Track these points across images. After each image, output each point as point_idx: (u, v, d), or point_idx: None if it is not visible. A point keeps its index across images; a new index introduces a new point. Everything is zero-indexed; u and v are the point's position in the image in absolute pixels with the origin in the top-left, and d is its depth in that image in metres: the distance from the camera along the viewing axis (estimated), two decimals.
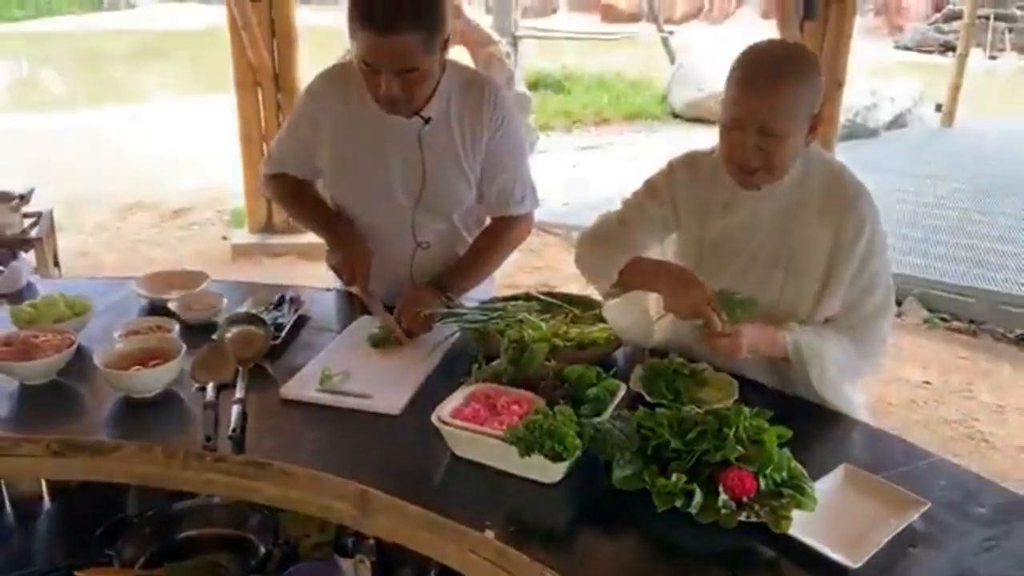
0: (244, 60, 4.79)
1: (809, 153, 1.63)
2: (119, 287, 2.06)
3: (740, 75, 1.54)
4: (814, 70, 1.55)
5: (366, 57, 1.66)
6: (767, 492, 1.26)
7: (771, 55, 1.57)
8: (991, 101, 11.96)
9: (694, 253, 1.72)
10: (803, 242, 1.62)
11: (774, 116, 1.50)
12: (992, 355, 4.19)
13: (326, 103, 1.90)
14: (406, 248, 1.96)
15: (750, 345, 1.57)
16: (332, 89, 1.90)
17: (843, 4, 4.13)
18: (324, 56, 4.98)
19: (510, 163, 1.93)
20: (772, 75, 1.51)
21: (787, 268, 1.63)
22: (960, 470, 1.44)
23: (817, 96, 1.55)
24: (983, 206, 6.27)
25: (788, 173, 1.60)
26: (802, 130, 1.54)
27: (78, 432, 1.49)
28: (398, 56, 1.64)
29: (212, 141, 8.26)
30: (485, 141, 1.87)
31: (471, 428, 1.38)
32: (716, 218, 1.68)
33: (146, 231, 5.80)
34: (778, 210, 1.63)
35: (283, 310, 1.93)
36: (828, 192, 1.62)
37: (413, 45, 1.63)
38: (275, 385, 1.62)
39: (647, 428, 1.35)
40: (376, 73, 1.66)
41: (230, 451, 1.42)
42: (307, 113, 1.93)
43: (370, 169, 1.88)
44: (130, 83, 13.49)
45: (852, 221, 1.59)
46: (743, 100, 1.52)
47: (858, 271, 1.61)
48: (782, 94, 1.50)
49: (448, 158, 1.86)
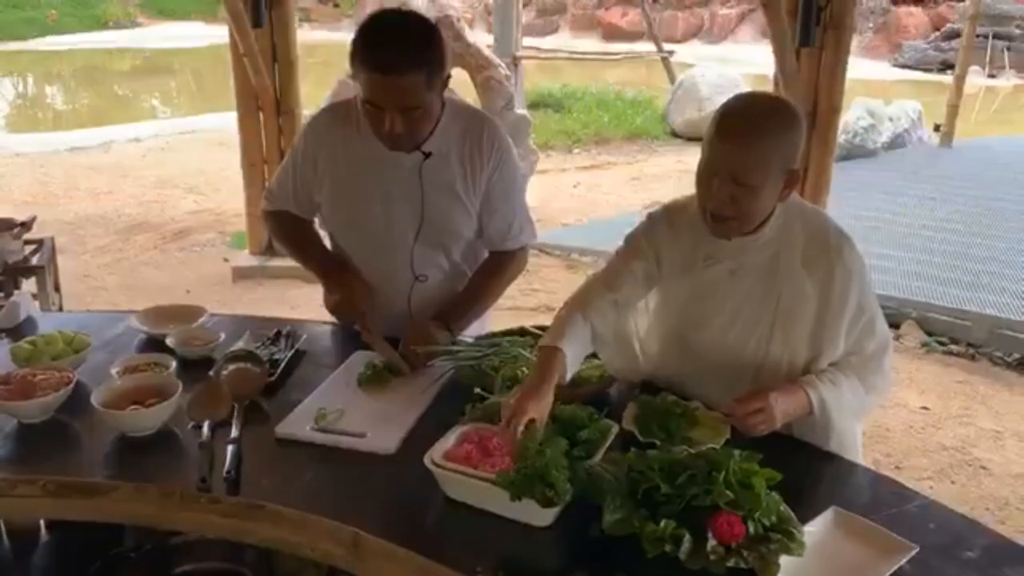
0: (246, 85, 4.83)
1: (790, 205, 1.63)
2: (117, 321, 2.08)
3: (718, 124, 1.54)
4: (794, 126, 1.54)
5: (371, 97, 1.70)
6: (756, 537, 1.27)
7: (751, 107, 1.56)
8: (990, 119, 12.03)
9: (678, 305, 1.73)
10: (789, 292, 1.62)
11: (746, 167, 1.50)
12: (990, 380, 4.19)
13: (327, 139, 1.92)
14: (405, 282, 1.98)
15: (783, 414, 1.57)
16: (333, 125, 1.93)
17: (839, 31, 4.16)
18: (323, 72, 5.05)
19: (508, 199, 1.96)
20: (749, 126, 1.51)
21: (774, 318, 1.64)
22: (950, 512, 1.45)
23: (794, 151, 1.55)
24: (982, 229, 6.27)
25: (767, 224, 1.61)
26: (776, 183, 1.54)
27: (75, 471, 1.51)
28: (402, 95, 1.69)
29: (213, 161, 8.33)
30: (485, 177, 1.91)
31: (463, 471, 1.40)
32: (699, 270, 1.68)
33: (148, 253, 5.82)
34: (761, 261, 1.63)
35: (280, 345, 1.95)
36: (810, 241, 1.62)
37: (416, 84, 1.69)
38: (270, 422, 1.64)
39: (637, 471, 1.36)
40: (380, 111, 1.71)
41: (224, 492, 1.43)
42: (307, 149, 1.96)
43: (371, 203, 1.91)
44: (134, 101, 13.59)
45: (840, 271, 1.60)
46: (718, 148, 1.53)
47: (855, 317, 1.62)
48: (756, 145, 1.50)
49: (448, 192, 1.89)
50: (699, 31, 19.76)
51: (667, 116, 10.35)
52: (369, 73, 1.67)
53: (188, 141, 9.43)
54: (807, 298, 1.61)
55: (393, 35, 1.69)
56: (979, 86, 13.60)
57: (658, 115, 10.55)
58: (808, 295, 1.61)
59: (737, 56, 16.77)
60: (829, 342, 1.62)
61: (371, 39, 1.69)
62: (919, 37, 17.34)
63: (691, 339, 1.73)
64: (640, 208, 7.10)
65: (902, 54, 16.96)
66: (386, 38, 1.68)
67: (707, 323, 1.69)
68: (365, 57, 1.67)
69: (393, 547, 1.30)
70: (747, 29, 19.30)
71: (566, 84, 12.10)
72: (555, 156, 9.00)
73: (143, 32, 20.84)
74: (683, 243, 1.69)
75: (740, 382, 1.65)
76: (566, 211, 6.98)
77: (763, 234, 1.62)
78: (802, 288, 1.61)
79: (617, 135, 9.96)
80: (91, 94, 14.25)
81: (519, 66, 9.88)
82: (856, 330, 1.63)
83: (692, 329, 1.64)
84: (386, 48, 1.66)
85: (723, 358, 1.68)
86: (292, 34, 4.89)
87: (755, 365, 1.65)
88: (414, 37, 1.70)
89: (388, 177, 1.88)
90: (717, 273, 1.66)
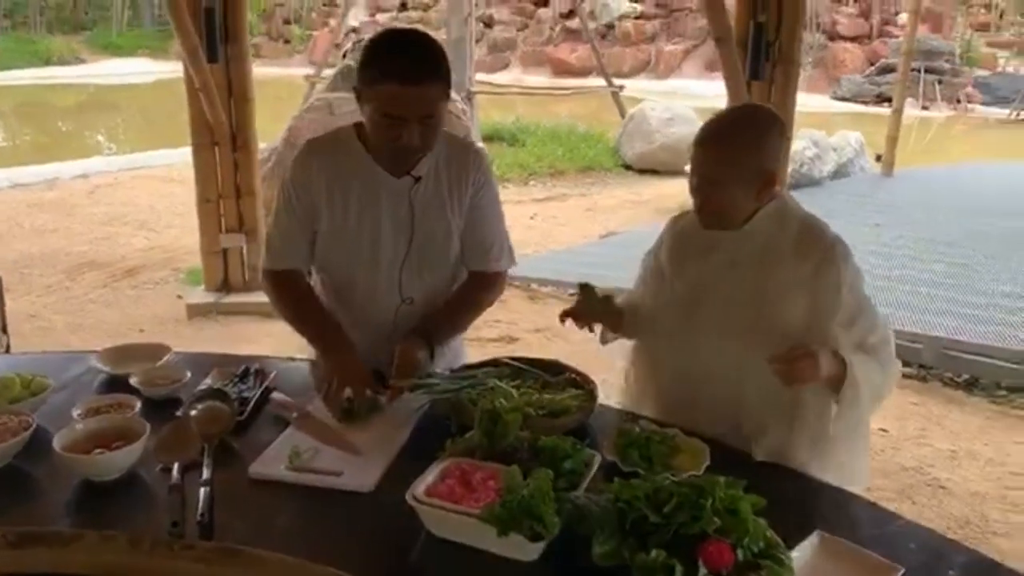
0: (201, 120, 4.77)
1: (787, 202, 1.78)
2: (77, 361, 2.00)
3: (698, 133, 1.74)
4: (769, 130, 1.73)
5: (390, 108, 1.71)
6: (744, 564, 1.26)
7: (729, 117, 1.83)
8: (926, 149, 12.51)
9: (675, 292, 1.84)
10: (780, 279, 1.71)
11: (716, 168, 1.71)
12: (942, 400, 4.29)
13: (320, 167, 1.89)
14: (391, 303, 1.96)
15: (826, 365, 1.62)
16: (322, 154, 1.91)
17: (787, 65, 4.29)
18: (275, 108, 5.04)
19: (490, 221, 2.00)
20: (717, 134, 1.73)
21: (762, 302, 1.71)
22: (927, 531, 1.47)
23: (770, 154, 1.71)
24: (924, 253, 6.48)
25: (756, 218, 1.74)
26: (750, 181, 1.69)
27: (37, 519, 1.43)
28: (423, 104, 1.71)
29: (164, 197, 8.17)
30: (468, 199, 1.94)
31: (447, 507, 1.37)
32: (698, 260, 1.81)
33: (97, 291, 5.66)
34: (755, 251, 1.75)
35: (248, 383, 1.90)
36: (802, 235, 1.74)
37: (436, 93, 1.73)
38: (242, 463, 1.59)
39: (624, 501, 1.35)
40: (398, 123, 1.72)
41: (198, 537, 1.38)
42: (299, 187, 1.91)
43: (362, 228, 1.90)
44: (79, 138, 13.30)
45: (831, 264, 1.69)
46: (695, 153, 1.74)
47: (848, 312, 1.70)
48: (723, 150, 1.70)
49: (436, 215, 1.91)
50: (646, 67, 20.20)
51: (619, 149, 10.51)
52: (391, 83, 1.68)
53: (137, 178, 9.24)
54: (797, 289, 1.70)
55: (413, 46, 1.72)
56: (914, 117, 14.12)
57: (610, 148, 10.71)
58: (798, 284, 1.70)
59: (683, 90, 17.20)
60: (825, 331, 1.68)
61: (391, 51, 1.72)
62: (855, 71, 17.99)
63: (679, 345, 1.81)
64: (596, 237, 7.22)
65: (840, 87, 17.57)
66: (407, 49, 1.71)
67: (700, 307, 1.78)
68: (387, 68, 1.68)
69: None
70: (692, 65, 19.81)
71: (519, 118, 12.23)
72: (512, 188, 9.05)
73: (87, 68, 20.49)
74: (685, 238, 1.86)
75: (723, 390, 1.73)
76: (525, 242, 6.99)
77: (754, 226, 1.74)
78: (792, 277, 1.70)
79: (571, 168, 10.07)
80: (34, 130, 13.93)
81: (473, 100, 9.98)
82: (855, 328, 1.69)
83: (684, 315, 1.78)
84: (409, 58, 1.69)
85: (708, 361, 1.76)
86: (247, 69, 4.85)
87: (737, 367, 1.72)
88: (432, 48, 1.75)
89: (381, 201, 1.88)
90: (713, 262, 1.78)
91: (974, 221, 7.46)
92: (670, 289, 1.86)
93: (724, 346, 1.75)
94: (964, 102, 16.87)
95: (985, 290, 5.54)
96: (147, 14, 23.62)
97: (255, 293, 5.20)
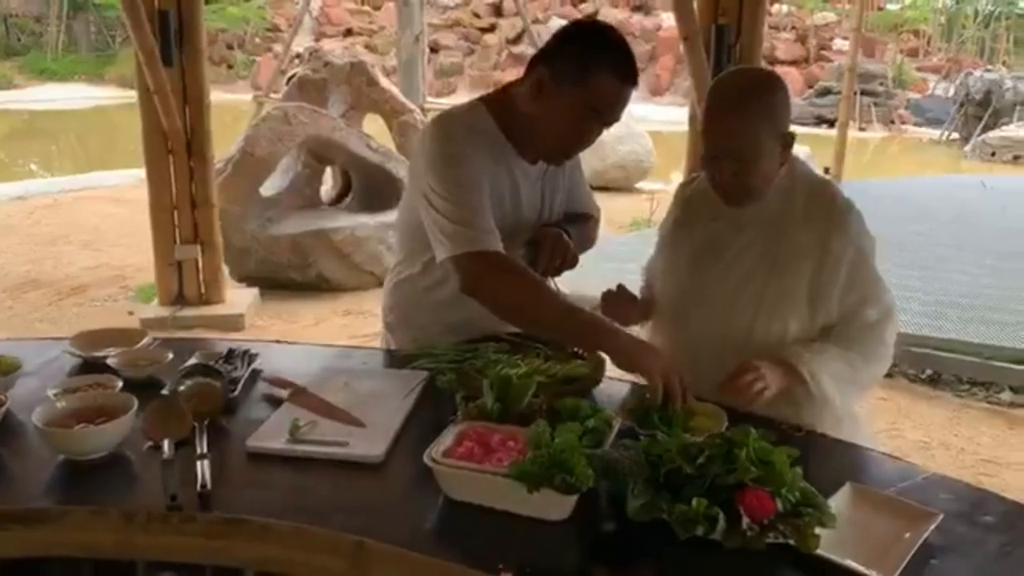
0: (155, 127, 4.60)
1: (796, 166, 1.71)
2: (48, 348, 1.86)
3: (707, 107, 1.63)
4: (776, 92, 1.64)
5: (603, 104, 1.72)
6: (785, 513, 1.21)
7: (733, 83, 1.68)
8: (865, 166, 12.93)
9: (685, 255, 1.79)
10: (789, 244, 1.67)
11: (740, 141, 1.59)
12: (909, 395, 4.36)
13: (478, 142, 1.79)
14: None
15: (775, 380, 1.58)
16: (473, 133, 1.80)
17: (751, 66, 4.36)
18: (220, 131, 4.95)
19: (581, 182, 2.11)
20: (733, 102, 1.61)
21: (772, 267, 1.68)
22: (957, 482, 1.45)
23: (783, 114, 1.63)
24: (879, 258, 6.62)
25: (772, 185, 1.67)
26: (772, 149, 1.61)
27: (13, 501, 1.30)
28: (626, 103, 1.76)
29: (109, 217, 7.89)
30: (567, 177, 2.01)
31: (469, 467, 1.29)
32: (707, 222, 1.76)
33: (42, 310, 5.39)
34: (765, 214, 1.70)
35: (235, 363, 1.79)
36: (812, 198, 1.69)
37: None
38: (237, 440, 1.48)
39: (655, 455, 1.29)
40: (601, 118, 1.74)
41: (197, 510, 1.27)
42: (471, 160, 1.76)
43: (504, 211, 1.83)
44: (15, 162, 12.81)
45: (840, 230, 1.66)
46: (710, 129, 1.63)
47: (849, 281, 1.65)
48: (742, 118, 1.59)
49: (561, 197, 2.00)
50: None
51: None
52: (614, 80, 1.69)
53: (80, 199, 8.90)
54: (804, 252, 1.66)
55: (625, 45, 1.75)
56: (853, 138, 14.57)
57: None
58: (805, 248, 1.66)
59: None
60: (823, 303, 1.65)
61: (618, 51, 1.72)
62: (795, 95, 18.55)
63: (684, 312, 1.77)
64: None
65: None
66: (628, 52, 1.74)
67: (709, 268, 1.73)
68: (616, 67, 1.69)
69: (405, 552, 1.18)
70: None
71: None
72: None
73: (21, 94, 19.84)
74: (695, 202, 1.80)
75: (729, 359, 1.65)
76: None
77: (771, 190, 1.68)
78: (800, 239, 1.66)
79: None
80: None
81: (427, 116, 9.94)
82: (853, 295, 1.65)
83: (694, 277, 1.73)
84: (630, 60, 1.72)
85: (714, 330, 1.71)
86: (203, 73, 4.70)
87: (744, 335, 1.68)
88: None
89: (519, 188, 1.88)
90: (722, 224, 1.73)
91: (921, 226, 7.70)
92: (678, 256, 1.82)
93: (733, 314, 1.71)
94: (898, 123, 17.51)
95: (941, 289, 5.69)
96: (83, 39, 23.04)
97: (213, 306, 5.03)
